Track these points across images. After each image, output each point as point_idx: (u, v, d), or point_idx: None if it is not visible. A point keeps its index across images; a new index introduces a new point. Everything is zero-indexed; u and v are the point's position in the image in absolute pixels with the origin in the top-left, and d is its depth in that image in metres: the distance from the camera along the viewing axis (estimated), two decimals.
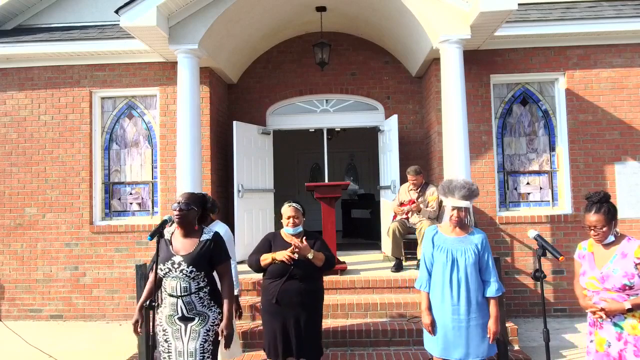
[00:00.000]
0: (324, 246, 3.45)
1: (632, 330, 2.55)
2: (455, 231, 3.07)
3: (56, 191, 6.37)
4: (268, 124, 7.33)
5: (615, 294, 2.58)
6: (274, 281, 3.32)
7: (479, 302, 2.96)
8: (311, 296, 3.32)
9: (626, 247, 2.62)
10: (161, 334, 2.90)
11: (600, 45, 6.12)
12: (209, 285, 2.91)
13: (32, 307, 6.28)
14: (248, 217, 6.67)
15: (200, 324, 2.84)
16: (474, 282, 2.95)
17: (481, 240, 3.03)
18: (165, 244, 2.92)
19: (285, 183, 11.59)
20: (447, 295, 2.97)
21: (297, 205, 3.46)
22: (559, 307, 5.90)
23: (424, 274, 3.11)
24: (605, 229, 2.62)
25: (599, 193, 2.66)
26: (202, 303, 2.86)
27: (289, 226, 3.41)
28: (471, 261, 2.96)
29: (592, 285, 2.67)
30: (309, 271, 3.31)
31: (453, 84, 5.31)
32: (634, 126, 6.05)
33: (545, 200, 6.24)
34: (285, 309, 3.26)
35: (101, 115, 6.58)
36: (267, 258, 3.33)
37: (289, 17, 6.49)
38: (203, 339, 2.83)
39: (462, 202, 2.98)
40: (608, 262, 2.63)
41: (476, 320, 2.94)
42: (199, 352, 2.81)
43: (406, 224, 5.63)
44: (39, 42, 6.17)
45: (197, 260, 2.83)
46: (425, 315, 3.05)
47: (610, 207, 2.62)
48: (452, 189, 3.01)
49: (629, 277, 2.54)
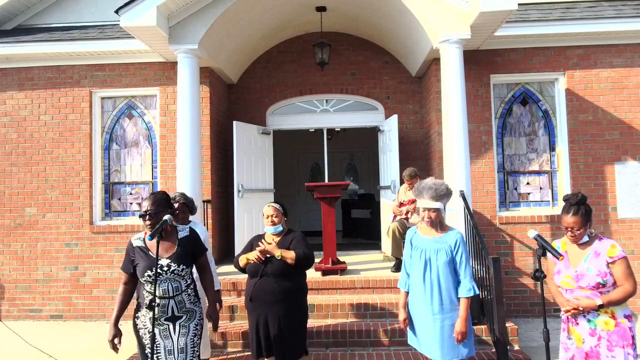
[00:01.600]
0: (300, 243, 3.48)
1: (605, 326, 2.64)
2: (432, 232, 3.10)
3: (56, 191, 6.37)
4: (268, 124, 7.33)
5: (589, 292, 2.66)
6: (251, 279, 3.46)
7: (453, 301, 2.98)
8: (286, 294, 3.35)
9: (599, 247, 2.71)
10: (147, 336, 2.88)
11: (600, 45, 6.12)
12: (193, 282, 3.05)
13: (32, 307, 6.28)
14: (248, 217, 6.66)
15: (189, 320, 2.93)
16: (447, 281, 2.98)
17: (455, 240, 3.04)
18: (143, 252, 2.91)
19: (285, 183, 11.59)
20: (421, 294, 3.03)
21: (277, 205, 3.56)
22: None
23: (404, 274, 3.20)
24: (582, 230, 2.71)
25: (577, 195, 2.73)
26: (190, 300, 2.96)
27: (269, 225, 3.53)
28: (443, 261, 2.99)
29: (566, 284, 2.75)
30: (282, 269, 3.37)
31: (453, 84, 5.31)
32: (634, 126, 6.05)
33: (545, 200, 6.24)
34: (259, 307, 3.36)
35: (101, 115, 6.58)
36: (244, 259, 3.47)
37: (289, 17, 6.49)
38: (193, 333, 2.94)
39: (432, 203, 3.01)
40: (582, 261, 2.72)
41: (450, 320, 2.96)
42: (189, 346, 2.91)
43: (406, 224, 5.63)
44: (39, 42, 6.17)
45: (183, 257, 2.92)
46: (401, 312, 3.16)
47: (587, 209, 2.71)
48: (421, 189, 3.06)
49: (602, 275, 2.63)
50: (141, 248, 2.93)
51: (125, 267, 2.95)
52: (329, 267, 5.40)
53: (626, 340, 2.60)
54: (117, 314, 2.94)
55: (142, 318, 2.91)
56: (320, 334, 4.54)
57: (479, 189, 6.05)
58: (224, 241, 6.89)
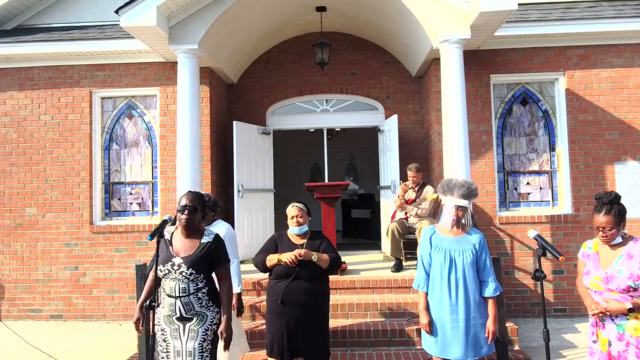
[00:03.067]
0: (329, 247, 3.46)
1: (634, 332, 2.53)
2: (453, 231, 3.07)
3: (56, 191, 6.37)
4: (268, 124, 7.33)
5: (618, 295, 2.55)
6: (280, 281, 3.33)
7: (477, 301, 2.96)
8: (317, 297, 3.33)
9: (632, 249, 2.58)
10: (159, 334, 2.89)
11: (600, 45, 6.12)
12: (207, 285, 2.90)
13: (32, 307, 6.28)
14: (248, 217, 6.67)
15: (199, 324, 2.83)
16: (471, 282, 2.95)
17: (479, 240, 3.03)
18: (165, 245, 2.90)
19: (285, 183, 11.59)
20: (445, 295, 2.97)
21: (301, 205, 3.48)
22: (559, 307, 5.90)
23: (422, 274, 3.11)
24: (614, 231, 2.57)
25: (610, 194, 2.61)
26: (201, 303, 2.85)
27: (294, 226, 3.44)
28: (469, 261, 2.96)
29: (595, 285, 2.64)
30: (314, 272, 3.32)
31: (453, 84, 5.31)
32: (634, 126, 6.05)
33: (545, 200, 6.24)
34: (291, 309, 3.27)
35: (101, 115, 6.58)
36: (273, 259, 3.35)
37: (289, 17, 6.49)
38: (202, 338, 2.83)
39: (461, 201, 2.98)
40: (613, 263, 2.60)
41: (475, 320, 2.94)
42: (197, 351, 2.81)
43: (405, 224, 5.63)
44: (39, 42, 6.17)
45: (197, 262, 2.82)
46: (423, 315, 3.05)
47: (620, 209, 2.57)
48: (451, 187, 3.01)
49: (634, 278, 2.51)
50: (166, 241, 2.92)
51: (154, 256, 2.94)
52: None
53: None
54: (143, 298, 2.98)
55: (157, 314, 2.91)
56: None
57: (479, 189, 6.04)
58: None
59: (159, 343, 2.90)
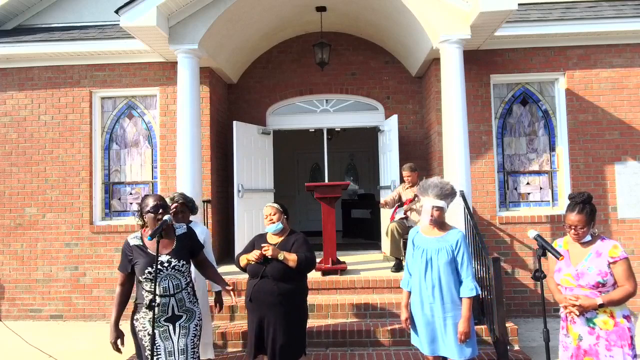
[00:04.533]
0: (302, 246, 3.49)
1: (604, 325, 2.65)
2: (434, 231, 3.11)
3: (56, 191, 6.37)
4: (268, 124, 7.33)
5: (588, 291, 2.67)
6: (251, 280, 3.47)
7: (455, 301, 2.98)
8: (286, 297, 3.35)
9: (601, 247, 2.71)
10: (147, 338, 2.85)
11: (600, 45, 6.12)
12: (192, 280, 3.06)
13: (32, 307, 6.28)
14: (248, 217, 6.67)
15: (189, 320, 2.93)
16: (448, 281, 2.98)
17: (457, 239, 3.04)
18: (141, 250, 2.91)
19: (285, 183, 11.59)
20: (423, 293, 3.04)
21: (276, 204, 3.60)
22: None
23: (406, 274, 3.22)
24: (585, 229, 2.70)
25: (583, 194, 2.73)
26: (190, 299, 2.97)
27: (268, 224, 3.57)
28: (444, 260, 2.99)
29: (566, 282, 2.76)
30: (283, 271, 3.37)
31: (453, 84, 5.31)
32: (634, 126, 6.05)
33: (545, 200, 6.24)
34: (259, 308, 3.37)
35: (101, 115, 6.58)
36: (244, 259, 3.49)
37: (289, 17, 6.49)
38: (193, 334, 2.94)
39: (437, 201, 3.02)
40: (583, 260, 2.72)
41: (453, 319, 2.97)
42: (189, 347, 2.90)
43: (405, 224, 5.63)
44: (39, 42, 6.17)
45: (182, 252, 2.94)
46: (403, 312, 3.16)
47: (591, 209, 2.71)
48: (426, 187, 3.06)
49: (602, 275, 2.63)
50: (139, 246, 2.92)
51: (123, 266, 2.94)
52: (329, 267, 5.40)
53: (625, 341, 2.62)
54: (117, 315, 2.93)
55: (140, 320, 2.88)
56: (320, 334, 4.54)
57: (479, 189, 6.05)
58: (224, 241, 6.89)
59: (147, 348, 2.85)
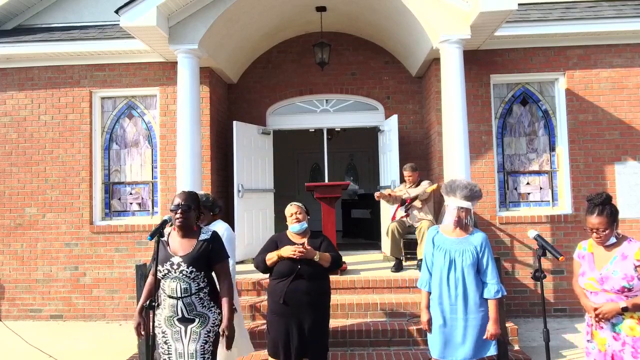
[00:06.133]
0: (330, 246, 3.45)
1: (630, 331, 2.54)
2: (456, 232, 3.07)
3: (56, 191, 6.37)
4: (268, 124, 7.33)
5: (614, 296, 2.56)
6: (281, 281, 3.29)
7: (477, 303, 2.95)
8: (319, 296, 3.31)
9: (627, 249, 2.57)
10: (160, 336, 2.87)
11: (600, 45, 6.12)
12: (209, 285, 2.88)
13: (32, 307, 6.28)
14: (248, 217, 6.66)
15: (201, 326, 2.82)
16: (471, 283, 2.95)
17: (481, 241, 3.02)
18: (163, 245, 2.88)
19: (285, 183, 11.59)
20: (445, 294, 2.98)
21: (300, 204, 3.52)
22: (559, 307, 5.90)
23: (425, 274, 3.13)
24: (608, 232, 2.57)
25: (601, 195, 2.61)
26: (202, 304, 2.84)
27: (294, 223, 3.42)
28: (469, 262, 2.96)
29: (590, 286, 2.64)
30: (316, 270, 3.29)
31: (453, 84, 5.31)
32: (634, 126, 6.05)
33: (545, 200, 6.24)
34: (294, 309, 3.23)
35: (101, 115, 6.58)
36: (273, 256, 3.31)
37: (289, 17, 6.49)
38: (204, 340, 2.81)
39: (463, 202, 2.97)
40: (608, 264, 2.60)
41: (475, 321, 2.94)
42: (199, 353, 2.79)
43: (405, 223, 5.63)
44: (39, 42, 6.17)
45: (196, 260, 2.80)
46: (424, 314, 3.08)
47: (612, 209, 2.57)
48: (454, 188, 3.00)
49: (628, 279, 2.51)
50: (163, 242, 2.90)
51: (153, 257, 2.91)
52: None
53: None
54: (142, 302, 2.90)
55: (157, 317, 2.88)
56: None
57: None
58: None
59: (160, 345, 2.88)
